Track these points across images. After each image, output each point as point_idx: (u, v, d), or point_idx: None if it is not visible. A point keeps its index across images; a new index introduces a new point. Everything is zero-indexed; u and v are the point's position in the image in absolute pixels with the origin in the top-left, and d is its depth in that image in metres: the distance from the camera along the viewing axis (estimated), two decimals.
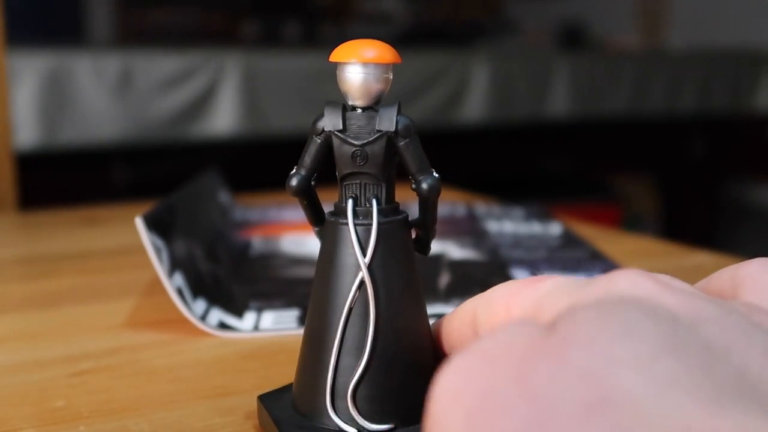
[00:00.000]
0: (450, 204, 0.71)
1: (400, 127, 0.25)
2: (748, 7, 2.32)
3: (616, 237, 0.63)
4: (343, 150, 0.25)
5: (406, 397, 0.25)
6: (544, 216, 0.67)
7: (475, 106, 1.75)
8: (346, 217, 0.25)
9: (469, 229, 0.62)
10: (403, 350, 0.25)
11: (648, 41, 2.52)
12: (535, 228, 0.62)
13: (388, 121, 0.25)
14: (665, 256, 0.56)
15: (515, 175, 1.90)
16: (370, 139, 0.25)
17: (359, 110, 0.25)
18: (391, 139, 0.25)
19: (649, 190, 2.15)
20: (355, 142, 0.25)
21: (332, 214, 0.26)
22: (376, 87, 0.25)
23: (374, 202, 0.25)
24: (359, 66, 0.25)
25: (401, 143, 0.25)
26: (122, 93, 1.39)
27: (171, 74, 1.43)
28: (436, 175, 0.25)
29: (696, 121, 2.08)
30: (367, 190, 0.25)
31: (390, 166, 0.25)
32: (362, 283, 0.24)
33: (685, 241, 0.63)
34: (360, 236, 0.25)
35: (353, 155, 0.25)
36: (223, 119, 1.48)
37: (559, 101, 1.87)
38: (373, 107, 0.25)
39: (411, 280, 0.25)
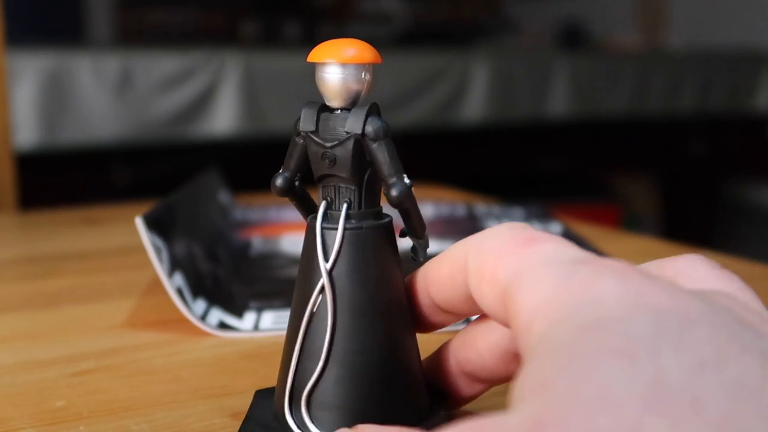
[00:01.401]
0: (450, 204, 0.71)
1: (368, 129, 0.24)
2: (748, 7, 2.32)
3: (616, 237, 0.63)
4: (313, 151, 0.24)
5: (369, 410, 0.23)
6: (544, 216, 0.67)
7: (475, 106, 1.75)
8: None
9: (469, 229, 0.62)
10: (366, 362, 0.24)
11: (648, 41, 2.52)
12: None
13: (356, 123, 0.24)
14: (665, 256, 0.55)
15: (515, 175, 1.90)
16: (338, 141, 0.24)
17: (336, 111, 0.24)
18: (358, 141, 0.24)
19: (649, 190, 2.15)
20: (324, 144, 0.24)
21: (313, 216, 0.25)
22: (354, 88, 0.24)
23: (345, 206, 0.24)
24: (336, 66, 0.24)
25: (372, 146, 0.24)
26: (122, 93, 1.39)
27: (171, 74, 1.43)
28: (408, 182, 0.24)
29: (696, 121, 2.08)
30: (341, 194, 0.25)
31: (362, 170, 0.24)
32: (323, 288, 0.24)
33: (685, 241, 0.63)
34: (326, 241, 0.24)
35: (322, 157, 0.24)
36: (223, 119, 1.48)
37: (559, 101, 1.87)
38: (348, 108, 0.24)
39: (384, 289, 0.24)
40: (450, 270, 0.23)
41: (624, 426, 0.14)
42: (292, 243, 0.57)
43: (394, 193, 0.24)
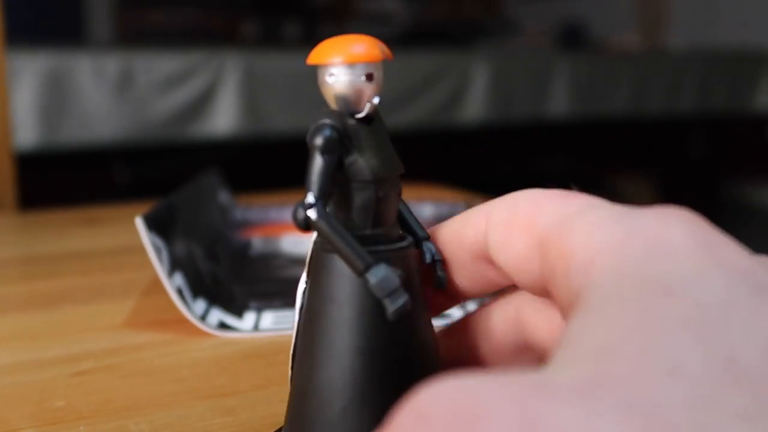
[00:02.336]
0: (450, 204, 0.71)
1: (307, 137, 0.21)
2: (748, 7, 2.32)
3: None
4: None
5: None
6: None
7: (474, 106, 1.75)
8: None
9: None
10: (307, 394, 0.21)
11: (648, 41, 2.52)
12: None
13: None
14: None
15: (515, 175, 1.90)
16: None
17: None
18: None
19: (648, 190, 2.15)
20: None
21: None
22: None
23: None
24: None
25: None
26: (122, 93, 1.39)
27: (171, 74, 1.43)
28: (309, 201, 0.20)
29: (696, 121, 2.08)
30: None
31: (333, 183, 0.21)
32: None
33: None
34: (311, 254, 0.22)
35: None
36: (223, 119, 1.48)
37: (559, 101, 1.87)
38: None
39: (348, 314, 0.20)
40: (461, 226, 0.22)
41: (698, 395, 0.13)
42: (292, 243, 0.57)
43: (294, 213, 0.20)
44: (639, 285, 0.15)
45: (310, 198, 0.20)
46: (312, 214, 0.20)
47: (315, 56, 0.21)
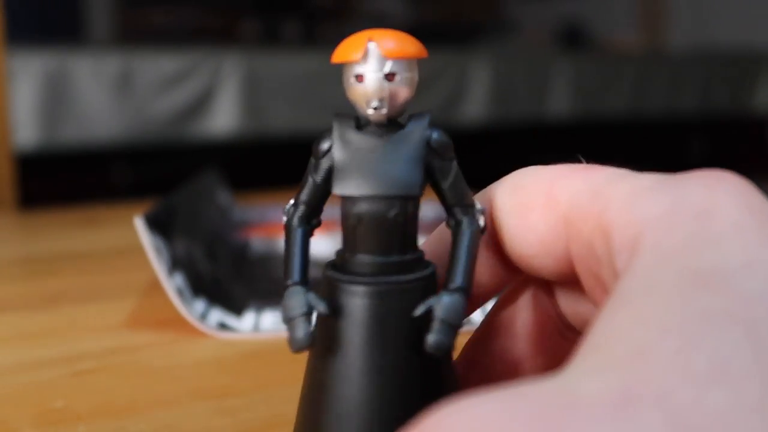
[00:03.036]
0: None
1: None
2: (748, 7, 2.32)
3: None
4: None
5: None
6: None
7: (475, 106, 1.75)
8: None
9: None
10: None
11: (648, 41, 2.52)
12: None
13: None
14: None
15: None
16: None
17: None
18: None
19: None
20: None
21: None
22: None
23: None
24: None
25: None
26: (122, 93, 1.39)
27: (171, 74, 1.43)
28: (288, 204, 0.20)
29: (696, 121, 2.08)
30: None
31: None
32: None
33: None
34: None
35: None
36: (223, 119, 1.48)
37: (559, 101, 1.87)
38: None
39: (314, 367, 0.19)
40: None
41: (744, 404, 0.11)
42: None
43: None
44: (681, 273, 0.13)
45: (290, 201, 0.20)
46: (283, 217, 0.20)
47: (335, 53, 0.19)
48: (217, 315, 0.40)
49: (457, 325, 0.18)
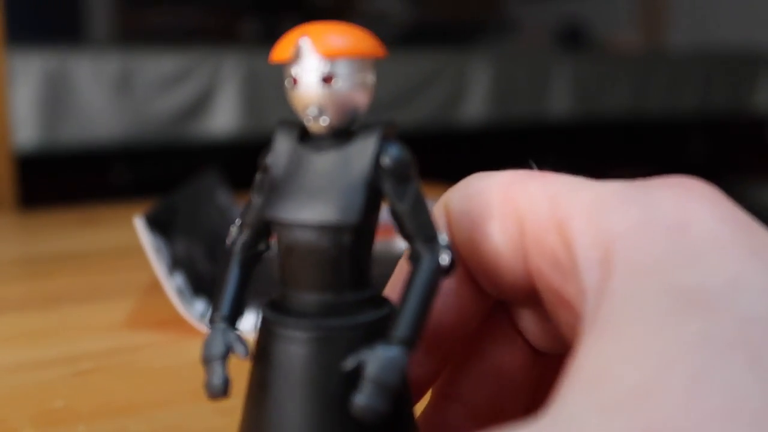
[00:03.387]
0: None
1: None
2: (748, 7, 2.32)
3: None
4: None
5: None
6: None
7: (474, 106, 1.75)
8: None
9: None
10: None
11: (648, 41, 2.52)
12: None
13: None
14: None
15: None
16: None
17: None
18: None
19: None
20: None
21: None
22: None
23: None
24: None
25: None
26: (122, 93, 1.39)
27: (171, 74, 1.43)
28: (233, 224, 0.18)
29: (696, 121, 2.08)
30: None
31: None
32: None
33: None
34: None
35: None
36: (223, 119, 1.48)
37: (559, 101, 1.87)
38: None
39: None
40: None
41: None
42: None
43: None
44: (665, 294, 0.12)
45: (237, 221, 0.17)
46: (227, 241, 0.17)
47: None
48: None
49: (391, 386, 0.14)
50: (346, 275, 0.16)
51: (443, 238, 0.16)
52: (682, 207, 0.14)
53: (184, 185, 0.53)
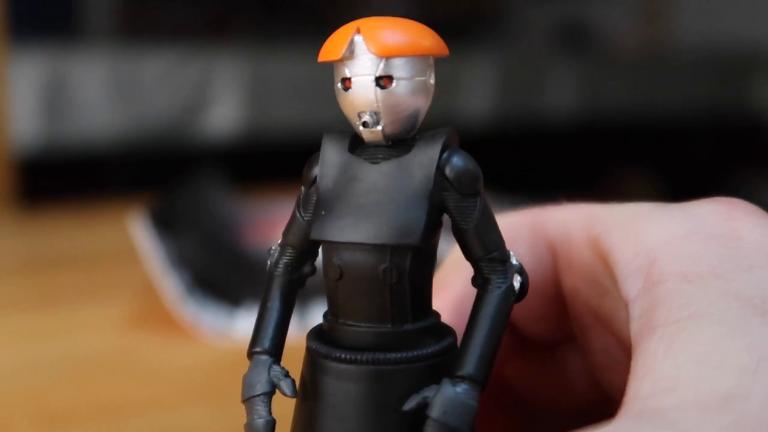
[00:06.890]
0: None
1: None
2: (749, 8, 2.32)
3: None
4: None
5: None
6: None
7: (475, 106, 1.75)
8: None
9: None
10: None
11: (650, 41, 2.52)
12: None
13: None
14: None
15: (515, 175, 1.90)
16: None
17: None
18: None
19: (649, 190, 2.15)
20: None
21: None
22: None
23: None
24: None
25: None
26: (122, 92, 1.39)
27: (171, 73, 1.43)
28: (274, 246, 0.16)
29: (697, 122, 2.08)
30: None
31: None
32: None
33: None
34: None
35: None
36: (223, 118, 1.48)
37: (560, 101, 1.87)
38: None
39: None
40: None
41: None
42: None
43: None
44: (735, 300, 0.12)
45: (278, 242, 0.15)
46: (269, 262, 0.15)
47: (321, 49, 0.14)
48: (216, 315, 0.40)
49: (458, 429, 0.13)
50: (406, 303, 0.14)
51: (514, 259, 0.14)
52: (730, 219, 0.14)
53: (184, 184, 0.53)
